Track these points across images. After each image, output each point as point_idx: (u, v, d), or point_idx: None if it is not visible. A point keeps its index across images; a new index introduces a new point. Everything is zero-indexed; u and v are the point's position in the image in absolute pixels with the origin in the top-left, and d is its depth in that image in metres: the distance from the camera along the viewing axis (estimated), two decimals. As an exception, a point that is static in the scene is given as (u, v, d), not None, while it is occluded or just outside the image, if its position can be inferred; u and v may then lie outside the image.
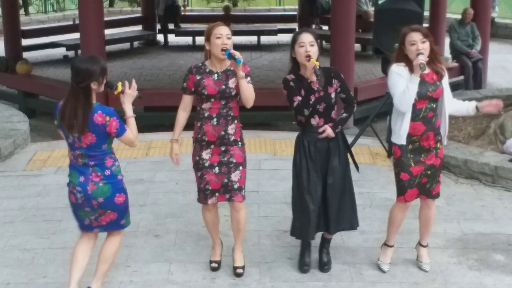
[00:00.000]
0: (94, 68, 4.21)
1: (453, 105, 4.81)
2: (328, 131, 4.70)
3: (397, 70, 4.68)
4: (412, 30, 4.63)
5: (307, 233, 4.83)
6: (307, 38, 4.62)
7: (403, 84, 4.60)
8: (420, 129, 4.68)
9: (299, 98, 4.63)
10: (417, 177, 4.74)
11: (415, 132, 4.69)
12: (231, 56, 4.51)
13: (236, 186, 4.72)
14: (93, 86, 4.22)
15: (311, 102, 4.62)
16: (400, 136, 4.71)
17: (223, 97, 4.64)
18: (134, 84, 4.35)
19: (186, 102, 4.78)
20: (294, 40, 4.68)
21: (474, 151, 7.09)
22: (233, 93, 4.64)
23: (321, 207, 4.80)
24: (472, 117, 8.65)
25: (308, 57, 4.57)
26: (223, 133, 4.67)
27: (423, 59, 4.54)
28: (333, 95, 4.70)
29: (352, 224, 4.95)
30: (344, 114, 4.82)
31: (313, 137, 4.74)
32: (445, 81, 4.77)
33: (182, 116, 4.80)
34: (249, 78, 4.66)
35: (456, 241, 5.46)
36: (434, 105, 4.70)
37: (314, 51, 4.61)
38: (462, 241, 5.46)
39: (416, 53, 4.57)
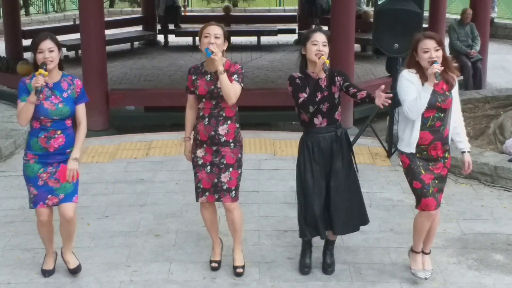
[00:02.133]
0: (31, 41, 4.59)
1: (455, 128, 4.69)
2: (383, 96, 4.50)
3: (408, 77, 4.55)
4: (426, 37, 4.49)
5: (318, 232, 4.80)
6: (320, 37, 4.64)
7: (414, 91, 4.48)
8: (428, 138, 4.57)
9: (305, 94, 4.63)
10: (430, 185, 4.61)
11: (422, 141, 4.58)
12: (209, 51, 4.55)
13: (225, 187, 4.74)
14: (34, 56, 4.57)
15: (317, 99, 4.62)
16: (410, 144, 4.60)
17: (212, 97, 4.67)
18: (37, 80, 4.40)
19: (191, 101, 4.85)
20: (307, 38, 4.67)
21: (474, 151, 7.09)
22: (221, 93, 4.63)
23: (326, 208, 4.79)
24: (471, 117, 8.68)
25: (319, 55, 4.59)
26: (213, 133, 4.69)
27: (438, 67, 4.40)
28: (336, 95, 4.70)
29: (362, 222, 4.93)
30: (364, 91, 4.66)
31: (316, 137, 4.73)
32: (455, 91, 4.65)
33: (189, 114, 4.87)
34: (235, 76, 4.65)
35: (455, 241, 5.48)
36: (442, 115, 4.57)
37: (326, 51, 4.64)
38: (461, 241, 5.47)
39: (429, 61, 4.44)
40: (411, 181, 4.66)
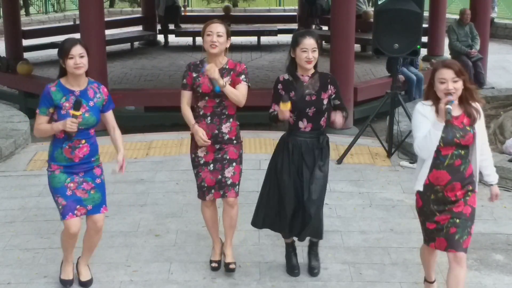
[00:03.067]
0: (59, 47, 4.46)
1: (482, 160, 4.20)
2: (338, 120, 4.56)
3: (422, 110, 4.08)
4: (443, 66, 4.01)
5: (285, 229, 4.80)
6: (310, 43, 4.55)
7: (426, 127, 4.01)
8: (444, 179, 4.09)
9: (276, 107, 4.59)
10: (445, 226, 4.14)
11: (438, 182, 4.10)
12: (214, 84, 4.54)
13: (229, 182, 4.74)
14: (60, 62, 4.43)
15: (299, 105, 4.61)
16: (417, 181, 4.18)
17: (216, 95, 4.65)
18: (72, 125, 4.30)
19: (188, 97, 4.77)
20: (296, 42, 4.58)
21: (474, 151, 7.09)
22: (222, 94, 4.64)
23: (299, 211, 4.74)
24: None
25: (309, 62, 4.56)
26: (216, 131, 4.69)
27: (450, 99, 3.94)
28: (325, 101, 4.65)
29: (321, 233, 4.87)
30: (344, 112, 4.65)
31: (298, 140, 4.69)
32: (480, 125, 4.13)
33: (187, 108, 4.76)
34: (243, 76, 4.67)
35: (455, 241, 5.47)
36: (462, 152, 4.08)
37: (315, 56, 4.59)
38: (461, 241, 5.46)
39: (445, 93, 3.97)
40: (424, 221, 4.26)
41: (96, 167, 4.60)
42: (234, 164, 4.74)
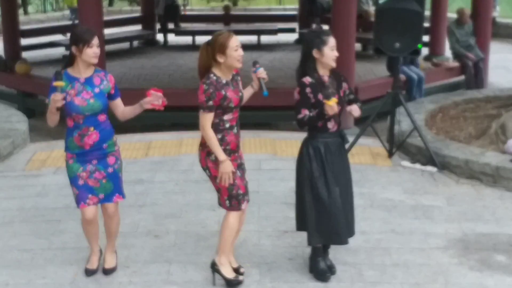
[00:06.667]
0: (72, 34, 4.56)
1: None
2: (355, 110, 4.62)
3: None
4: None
5: (340, 238, 4.72)
6: (335, 41, 4.59)
7: None
8: None
9: (306, 112, 4.54)
10: None
11: None
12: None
13: (248, 187, 4.73)
14: (74, 50, 4.51)
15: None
16: None
17: (240, 105, 4.60)
18: (57, 100, 4.32)
19: (211, 119, 4.48)
20: (323, 42, 4.52)
21: (475, 151, 7.06)
22: (243, 98, 4.65)
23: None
24: (473, 117, 8.64)
25: (336, 61, 4.59)
26: (240, 139, 4.65)
27: None
28: (342, 99, 4.68)
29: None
30: (358, 103, 4.73)
31: (329, 142, 4.66)
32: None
33: (214, 134, 4.48)
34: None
35: (457, 241, 5.44)
36: None
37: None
38: (463, 242, 5.43)
39: None
40: None
41: (109, 155, 4.71)
42: (245, 168, 4.76)
